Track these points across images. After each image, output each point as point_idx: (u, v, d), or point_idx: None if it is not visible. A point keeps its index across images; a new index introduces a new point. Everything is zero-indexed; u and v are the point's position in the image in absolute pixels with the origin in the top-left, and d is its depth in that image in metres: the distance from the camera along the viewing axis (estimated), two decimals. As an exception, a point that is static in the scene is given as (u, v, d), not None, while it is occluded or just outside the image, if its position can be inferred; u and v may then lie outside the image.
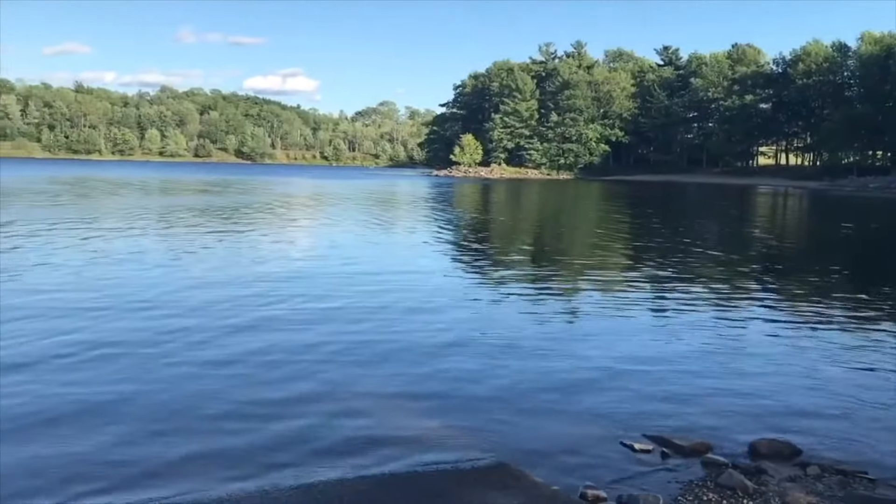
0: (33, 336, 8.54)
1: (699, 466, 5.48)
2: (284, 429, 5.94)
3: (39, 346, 8.09)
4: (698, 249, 20.70)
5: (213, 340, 8.62)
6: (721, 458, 5.56)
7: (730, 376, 7.76)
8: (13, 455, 5.30)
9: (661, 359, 8.38)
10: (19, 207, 29.00)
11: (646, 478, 5.25)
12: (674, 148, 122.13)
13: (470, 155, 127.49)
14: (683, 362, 8.27)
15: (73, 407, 6.30)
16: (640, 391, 7.15)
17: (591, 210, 42.03)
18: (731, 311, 11.51)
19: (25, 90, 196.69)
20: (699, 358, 8.51)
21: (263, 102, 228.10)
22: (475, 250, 19.78)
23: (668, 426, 6.19)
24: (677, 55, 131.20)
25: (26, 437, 5.66)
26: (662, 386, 7.34)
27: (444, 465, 5.34)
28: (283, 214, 30.48)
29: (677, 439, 5.86)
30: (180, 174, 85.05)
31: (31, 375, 7.09)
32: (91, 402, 6.45)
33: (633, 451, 5.69)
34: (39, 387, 6.76)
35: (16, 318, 9.39)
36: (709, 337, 9.59)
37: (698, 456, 5.65)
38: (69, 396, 6.55)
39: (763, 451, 5.72)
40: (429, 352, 8.41)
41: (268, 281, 12.91)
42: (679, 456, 5.66)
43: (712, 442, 5.87)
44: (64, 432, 5.76)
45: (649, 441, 5.88)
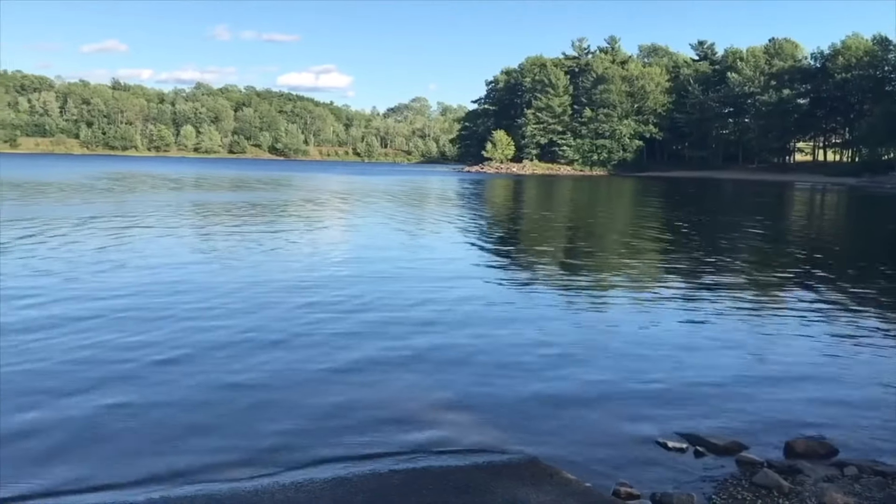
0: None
1: (733, 465, 5.43)
2: (319, 422, 5.99)
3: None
4: (735, 247, 20.46)
5: (253, 338, 8.72)
6: (756, 457, 5.50)
7: (764, 375, 7.67)
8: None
9: (693, 357, 8.31)
10: (85, 201, 29.56)
11: (679, 476, 5.22)
12: (709, 144, 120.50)
13: (502, 151, 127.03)
14: (717, 361, 8.19)
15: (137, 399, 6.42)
16: (673, 389, 7.10)
17: (626, 207, 41.70)
18: (767, 310, 11.38)
19: (64, 87, 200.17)
20: (733, 356, 8.41)
21: (297, 99, 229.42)
22: (508, 248, 19.75)
23: (701, 425, 6.14)
24: (713, 50, 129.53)
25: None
26: (695, 384, 7.28)
27: (476, 460, 5.35)
28: (322, 211, 30.65)
29: (711, 438, 5.81)
30: (217, 170, 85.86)
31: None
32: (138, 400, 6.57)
33: (667, 449, 5.66)
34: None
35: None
36: (743, 336, 9.49)
37: (732, 454, 5.59)
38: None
39: (799, 451, 5.65)
40: (460, 348, 8.43)
41: (310, 278, 13.03)
42: (713, 454, 5.61)
43: (746, 441, 5.81)
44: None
45: (682, 439, 5.84)
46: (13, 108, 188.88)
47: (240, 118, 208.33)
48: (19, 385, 6.66)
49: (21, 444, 5.43)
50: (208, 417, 6.05)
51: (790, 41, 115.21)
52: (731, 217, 34.38)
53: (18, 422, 5.83)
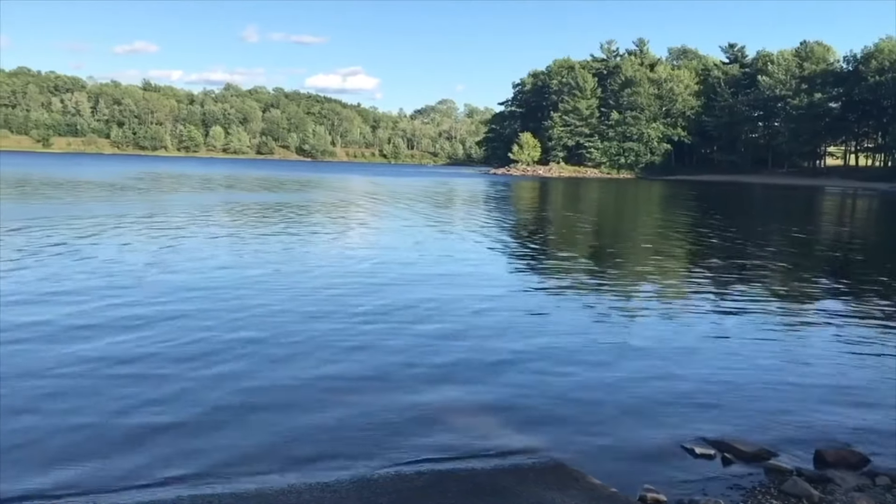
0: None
1: (762, 473, 5.36)
2: (345, 425, 6.01)
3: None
4: (764, 253, 20.24)
5: (277, 337, 8.78)
6: (785, 465, 5.43)
7: (793, 383, 7.57)
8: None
9: (722, 364, 8.22)
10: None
11: (707, 482, 5.17)
12: (738, 147, 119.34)
13: (528, 153, 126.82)
14: (745, 367, 8.09)
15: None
16: (700, 395, 7.03)
17: (654, 211, 41.40)
18: (797, 317, 11.23)
19: (96, 88, 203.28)
20: (762, 363, 8.31)
21: (324, 100, 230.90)
22: (536, 251, 19.68)
23: (728, 431, 6.07)
24: (743, 53, 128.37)
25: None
26: (723, 390, 7.20)
27: (502, 464, 5.33)
28: (355, 213, 30.79)
29: (739, 444, 5.75)
30: (247, 171, 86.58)
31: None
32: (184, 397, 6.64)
33: (694, 456, 5.60)
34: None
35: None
36: (772, 342, 9.37)
37: (761, 462, 5.52)
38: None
39: (829, 460, 5.57)
40: (487, 351, 8.41)
41: (341, 276, 13.11)
42: (741, 461, 5.54)
43: (775, 448, 5.74)
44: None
45: (710, 445, 5.78)
46: (46, 108, 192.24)
47: (268, 119, 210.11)
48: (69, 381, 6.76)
49: (56, 440, 5.52)
50: (237, 418, 6.09)
51: (822, 44, 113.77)
52: (760, 222, 34.01)
53: (59, 417, 5.93)
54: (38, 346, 7.94)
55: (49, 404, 6.23)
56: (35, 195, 33.59)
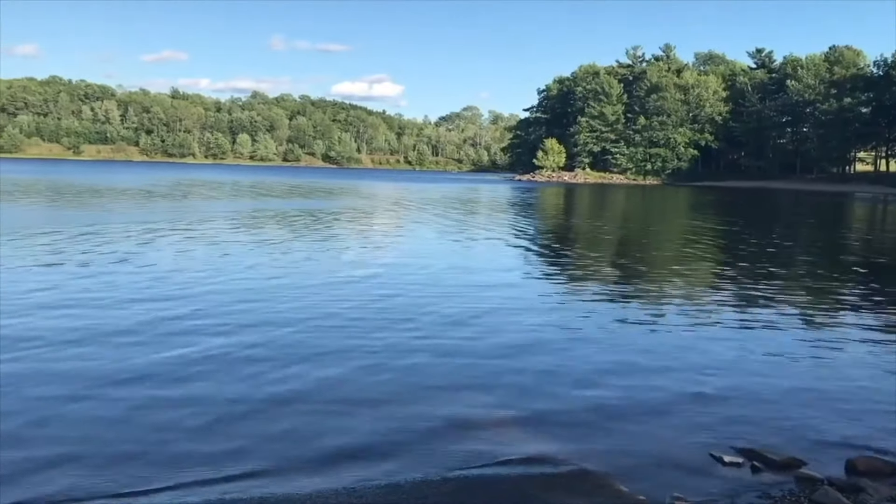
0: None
1: (792, 482, 5.30)
2: (373, 430, 6.03)
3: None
4: (793, 260, 20.03)
5: (306, 341, 8.84)
6: (815, 474, 5.37)
7: (823, 391, 7.47)
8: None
9: (750, 372, 8.14)
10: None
11: (736, 491, 5.11)
12: (766, 153, 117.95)
13: (553, 159, 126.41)
14: (774, 377, 8.00)
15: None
16: (728, 404, 6.97)
17: (682, 218, 41.09)
18: (826, 326, 11.11)
19: (125, 96, 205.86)
20: (791, 371, 8.23)
21: (350, 108, 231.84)
22: (563, 261, 19.63)
23: (757, 439, 6.01)
24: (771, 58, 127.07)
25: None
26: (752, 398, 7.14)
27: (528, 471, 5.33)
28: (385, 220, 30.92)
29: (768, 453, 5.69)
30: (276, 178, 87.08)
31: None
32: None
33: (723, 464, 5.55)
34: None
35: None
36: (801, 350, 9.26)
37: (791, 471, 5.46)
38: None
39: (861, 469, 5.49)
40: (514, 359, 8.41)
41: (367, 283, 13.18)
42: (770, 470, 5.48)
43: (805, 457, 5.67)
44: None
45: (739, 454, 5.72)
46: (77, 116, 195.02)
47: (294, 127, 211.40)
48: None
49: (93, 439, 5.60)
50: (265, 422, 6.14)
51: (851, 49, 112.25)
52: (789, 229, 33.65)
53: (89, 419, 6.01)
54: (85, 352, 8.07)
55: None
56: (84, 203, 34.13)
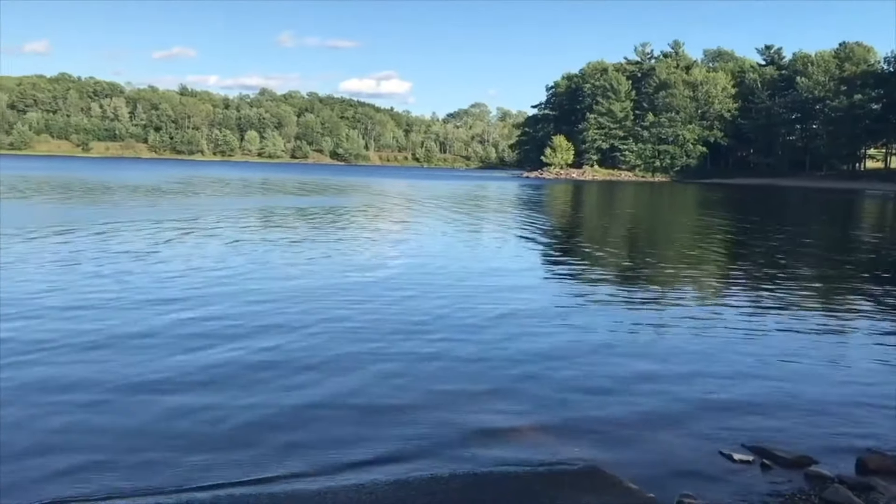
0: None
1: (802, 480, 5.27)
2: (382, 428, 6.03)
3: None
4: (803, 259, 19.97)
5: (328, 340, 8.86)
6: (826, 472, 5.34)
7: (833, 389, 7.45)
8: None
9: (760, 372, 8.10)
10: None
11: (746, 489, 5.09)
12: (775, 150, 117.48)
13: (561, 156, 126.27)
14: (784, 376, 7.96)
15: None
16: (738, 401, 6.94)
17: (691, 216, 40.98)
18: (836, 325, 11.02)
19: (134, 93, 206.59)
20: (801, 372, 8.17)
21: (358, 105, 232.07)
22: (572, 259, 19.62)
23: (768, 437, 5.99)
24: (780, 54, 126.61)
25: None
26: (762, 396, 7.11)
27: (538, 468, 5.32)
28: (396, 217, 30.94)
29: (779, 451, 5.66)
30: (285, 175, 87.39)
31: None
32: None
33: (732, 461, 5.53)
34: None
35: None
36: (813, 349, 9.22)
37: (801, 469, 5.44)
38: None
39: (872, 467, 5.46)
40: (523, 354, 8.41)
41: (387, 282, 13.19)
42: (780, 468, 5.46)
43: (816, 455, 5.64)
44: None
45: (749, 452, 5.70)
46: (86, 113, 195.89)
47: (302, 124, 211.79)
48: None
49: (106, 439, 5.62)
50: (277, 420, 6.15)
51: (862, 45, 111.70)
52: (799, 227, 33.51)
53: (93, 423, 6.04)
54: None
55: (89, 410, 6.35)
56: (97, 200, 34.29)
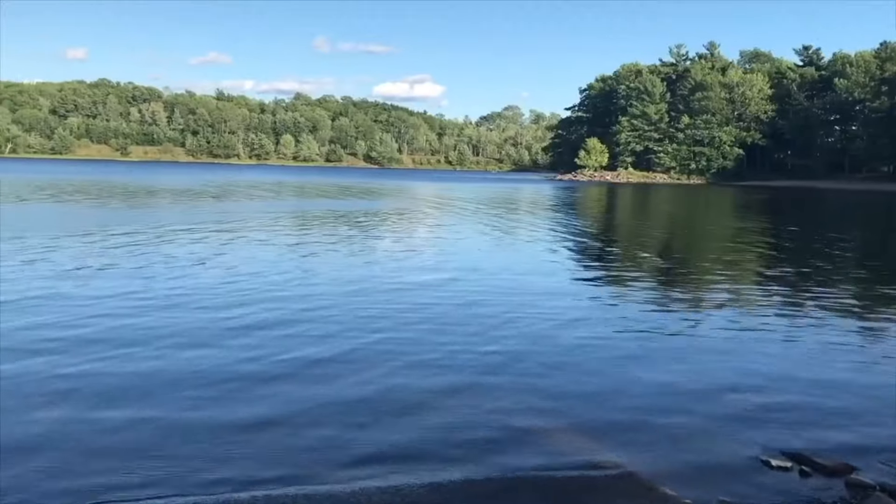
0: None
1: (842, 487, 5.20)
2: (418, 431, 6.05)
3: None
4: (843, 263, 19.66)
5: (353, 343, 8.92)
6: (867, 480, 5.25)
7: (874, 396, 7.30)
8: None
9: (798, 373, 8.01)
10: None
11: (784, 496, 5.03)
12: (813, 152, 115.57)
13: (595, 158, 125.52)
14: (823, 380, 7.85)
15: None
16: (776, 406, 6.86)
17: (728, 220, 40.49)
18: (878, 330, 10.84)
19: (172, 98, 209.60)
20: (841, 377, 8.03)
21: (391, 108, 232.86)
22: (604, 260, 19.52)
23: (806, 444, 5.90)
24: (819, 55, 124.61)
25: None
26: (801, 401, 7.02)
27: (572, 471, 5.31)
28: (432, 220, 31.03)
29: (818, 458, 5.58)
30: (321, 178, 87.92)
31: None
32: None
33: (770, 468, 5.47)
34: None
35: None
36: (852, 355, 9.07)
37: (841, 476, 5.36)
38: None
39: (914, 475, 5.37)
40: (557, 358, 8.39)
41: (423, 286, 13.26)
42: (820, 475, 5.38)
43: (856, 462, 5.55)
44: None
45: (787, 458, 5.63)
46: (125, 117, 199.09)
47: (337, 127, 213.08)
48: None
49: (143, 438, 5.73)
50: (311, 420, 6.20)
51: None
52: (837, 231, 32.96)
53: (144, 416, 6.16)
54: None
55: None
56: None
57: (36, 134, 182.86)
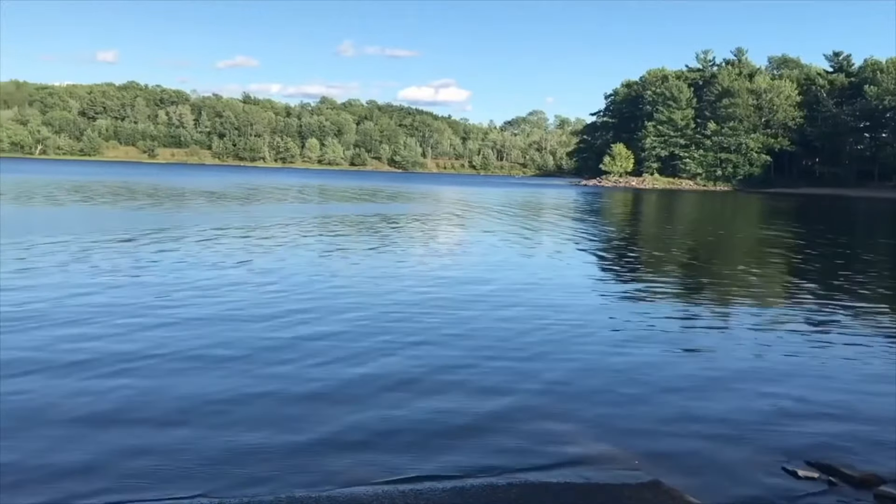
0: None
1: (871, 499, 5.13)
2: (442, 437, 6.06)
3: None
4: (873, 274, 19.42)
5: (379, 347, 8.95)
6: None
7: (902, 407, 7.22)
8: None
9: (825, 385, 7.91)
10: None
11: (811, 506, 4.99)
12: (842, 159, 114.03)
13: (620, 164, 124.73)
14: (850, 390, 7.76)
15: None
16: (800, 416, 6.79)
17: (756, 228, 40.12)
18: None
19: (199, 101, 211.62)
20: (869, 387, 7.93)
21: (416, 113, 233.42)
22: (636, 270, 19.43)
23: (833, 454, 5.84)
24: (849, 61, 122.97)
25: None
26: (827, 410, 6.95)
27: (596, 478, 5.29)
28: (458, 225, 31.05)
29: (845, 469, 5.52)
30: (346, 182, 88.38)
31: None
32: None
33: (796, 478, 5.41)
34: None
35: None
36: (880, 365, 8.95)
37: (869, 488, 5.29)
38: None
39: (944, 488, 5.29)
40: (583, 367, 8.37)
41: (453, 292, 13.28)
42: (847, 486, 5.32)
43: (885, 474, 5.48)
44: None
45: (813, 468, 5.57)
46: (152, 120, 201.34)
47: (361, 131, 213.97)
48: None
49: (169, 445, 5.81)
50: (335, 422, 6.24)
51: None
52: (867, 240, 32.56)
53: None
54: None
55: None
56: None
57: (65, 135, 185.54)
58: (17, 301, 10.48)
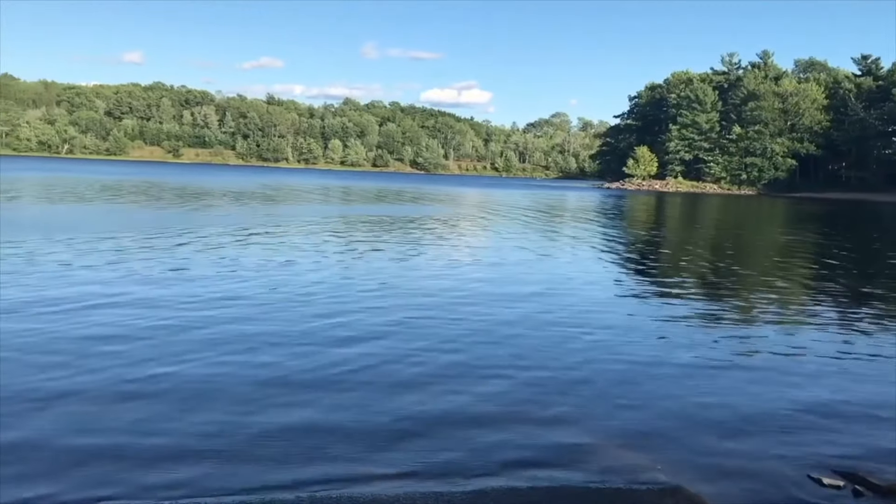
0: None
1: (897, 509, 5.08)
2: (464, 439, 6.06)
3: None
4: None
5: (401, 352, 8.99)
6: (923, 502, 5.13)
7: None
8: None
9: (851, 393, 7.81)
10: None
11: (836, 515, 4.94)
12: (869, 164, 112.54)
13: (644, 167, 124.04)
14: (876, 397, 7.66)
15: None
16: (828, 422, 6.73)
17: (782, 232, 39.74)
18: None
19: (223, 102, 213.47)
20: (890, 395, 7.84)
21: (439, 114, 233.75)
22: (660, 275, 19.32)
23: (859, 462, 5.78)
24: (878, 65, 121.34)
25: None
26: (853, 418, 6.87)
27: (618, 483, 5.27)
28: (481, 227, 31.05)
29: (872, 477, 5.46)
30: (369, 183, 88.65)
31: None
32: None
33: (821, 486, 5.36)
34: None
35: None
36: (908, 370, 8.85)
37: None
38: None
39: (973, 499, 5.22)
40: (605, 374, 8.32)
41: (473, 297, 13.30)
42: (874, 495, 5.26)
43: (912, 485, 5.42)
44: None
45: (839, 477, 5.51)
46: (177, 120, 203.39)
47: (384, 133, 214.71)
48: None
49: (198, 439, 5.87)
50: (358, 424, 6.26)
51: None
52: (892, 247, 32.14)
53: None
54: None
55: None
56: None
57: (92, 135, 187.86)
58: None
